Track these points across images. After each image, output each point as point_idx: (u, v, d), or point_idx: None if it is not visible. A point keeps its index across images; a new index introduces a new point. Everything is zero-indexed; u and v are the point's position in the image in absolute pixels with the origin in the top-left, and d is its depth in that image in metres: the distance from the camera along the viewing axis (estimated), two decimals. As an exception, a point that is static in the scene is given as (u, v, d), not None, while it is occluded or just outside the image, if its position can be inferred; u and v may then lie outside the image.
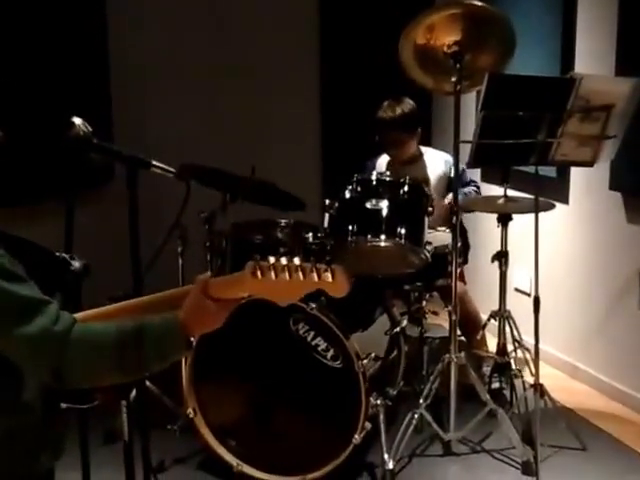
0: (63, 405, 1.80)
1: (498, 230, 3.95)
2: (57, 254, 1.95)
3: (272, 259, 1.56)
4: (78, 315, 1.68)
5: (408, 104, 4.32)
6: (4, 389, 1.68)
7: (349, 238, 3.56)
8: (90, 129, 2.20)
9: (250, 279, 1.55)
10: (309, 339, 3.33)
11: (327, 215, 3.65)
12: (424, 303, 4.15)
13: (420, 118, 4.47)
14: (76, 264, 2.01)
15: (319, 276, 1.52)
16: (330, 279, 1.52)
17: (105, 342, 1.59)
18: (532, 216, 3.49)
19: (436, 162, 4.46)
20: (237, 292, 1.62)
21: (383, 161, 4.53)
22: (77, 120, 2.21)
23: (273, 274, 1.54)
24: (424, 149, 4.52)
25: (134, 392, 2.35)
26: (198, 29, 5.36)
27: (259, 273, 1.55)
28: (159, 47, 5.23)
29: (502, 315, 4.10)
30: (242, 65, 5.43)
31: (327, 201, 3.68)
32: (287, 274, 1.53)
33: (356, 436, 3.31)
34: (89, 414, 2.14)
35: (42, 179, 4.08)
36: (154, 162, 2.21)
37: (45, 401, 1.75)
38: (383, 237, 3.56)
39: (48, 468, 1.85)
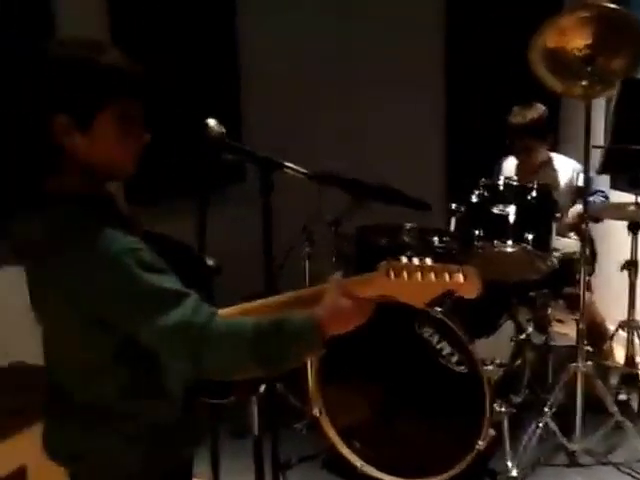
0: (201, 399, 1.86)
1: (628, 238, 3.86)
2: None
3: (404, 259, 1.58)
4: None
5: (539, 110, 4.26)
6: (150, 380, 1.75)
7: (475, 243, 3.55)
8: (224, 130, 2.26)
9: (383, 279, 1.57)
10: (434, 343, 3.33)
11: (453, 219, 3.65)
12: (549, 310, 4.09)
13: (551, 124, 4.41)
14: (210, 262, 2.07)
15: (451, 277, 1.53)
16: (462, 280, 1.52)
17: (243, 334, 1.61)
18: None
19: (565, 169, 4.38)
20: (371, 291, 1.62)
21: (510, 164, 4.49)
22: (211, 121, 2.27)
23: (406, 274, 1.55)
24: (553, 155, 4.45)
25: (263, 389, 2.40)
26: (325, 32, 5.41)
27: (392, 273, 1.56)
28: (286, 50, 5.31)
29: (631, 325, 4.01)
30: (368, 68, 5.46)
31: (453, 205, 3.68)
32: (420, 274, 1.54)
33: (480, 442, 3.29)
34: (221, 409, 2.20)
35: (176, 179, 4.23)
36: (286, 163, 2.24)
37: (186, 392, 1.81)
38: (510, 242, 3.53)
39: (189, 456, 1.91)
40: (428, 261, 1.56)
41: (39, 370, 1.91)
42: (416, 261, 1.56)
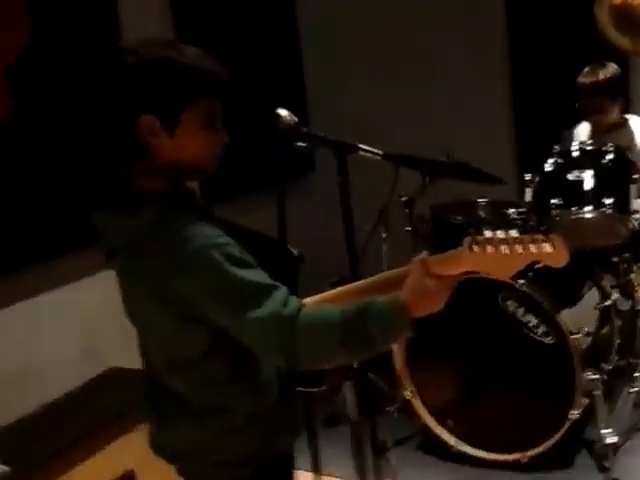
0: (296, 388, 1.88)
1: None
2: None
3: (488, 233, 1.57)
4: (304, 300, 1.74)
5: (612, 68, 4.16)
6: (244, 372, 1.77)
7: (553, 212, 3.50)
8: (296, 119, 2.27)
9: (468, 254, 1.55)
10: (519, 316, 3.31)
11: (528, 190, 3.60)
12: (633, 275, 4.01)
13: (623, 83, 4.31)
14: (294, 251, 2.09)
15: (538, 247, 1.50)
16: (549, 249, 1.50)
17: (331, 322, 1.62)
18: None
19: None
20: (456, 268, 1.60)
21: (582, 130, 4.40)
22: (283, 112, 2.29)
23: (491, 248, 1.54)
24: (628, 116, 4.36)
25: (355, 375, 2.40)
26: (390, 13, 5.36)
27: (477, 248, 1.55)
28: (350, 36, 5.29)
29: None
30: (431, 40, 5.38)
31: (527, 176, 3.63)
32: (505, 247, 1.52)
33: (573, 412, 3.26)
34: (314, 398, 2.21)
35: (250, 173, 4.27)
36: (360, 145, 2.25)
37: (281, 383, 1.83)
38: (588, 208, 3.46)
39: (287, 448, 1.92)
40: (513, 233, 1.53)
41: (136, 373, 1.97)
42: (500, 234, 1.55)
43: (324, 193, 2.25)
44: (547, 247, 1.50)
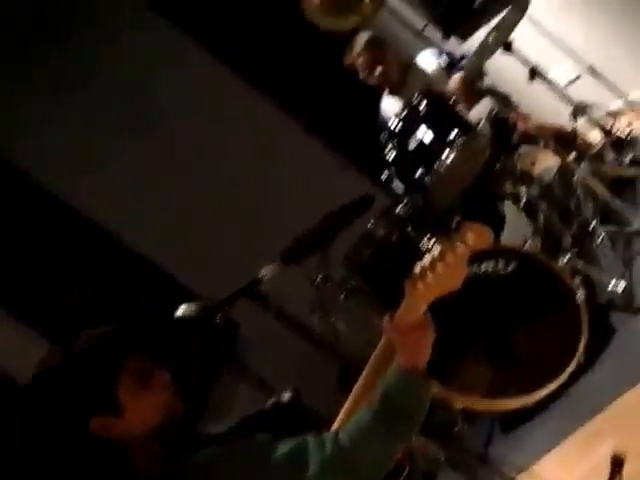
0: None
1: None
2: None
3: (418, 264, 1.65)
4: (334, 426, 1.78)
5: (363, 34, 4.32)
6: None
7: (425, 180, 3.55)
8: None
9: (418, 293, 1.63)
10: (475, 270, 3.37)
11: (395, 183, 3.67)
12: (519, 164, 4.08)
13: (380, 41, 4.42)
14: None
15: (463, 243, 1.58)
16: (472, 237, 1.57)
17: (368, 424, 1.66)
18: None
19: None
20: (418, 309, 1.67)
21: (387, 102, 4.50)
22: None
23: (430, 274, 1.61)
24: (415, 58, 4.53)
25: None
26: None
27: (420, 284, 1.62)
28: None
29: None
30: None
31: (384, 175, 3.68)
32: (440, 264, 1.60)
33: (578, 295, 3.36)
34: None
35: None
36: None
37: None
38: (445, 153, 3.52)
39: None
40: (436, 248, 1.61)
41: None
42: (428, 257, 1.62)
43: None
44: (469, 238, 1.58)
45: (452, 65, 4.23)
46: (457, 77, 4.09)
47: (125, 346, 1.75)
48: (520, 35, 3.87)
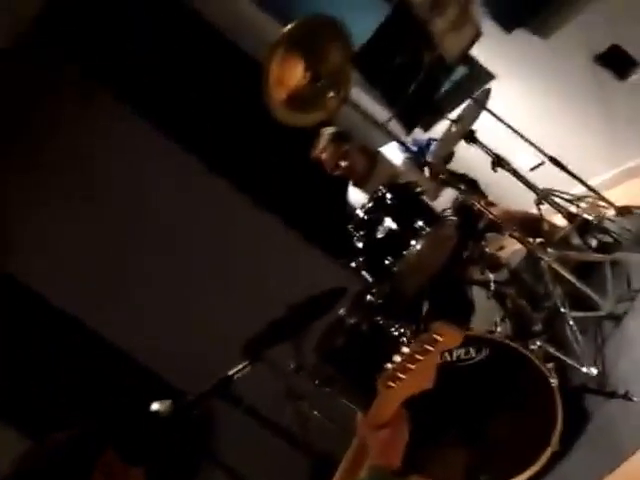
0: None
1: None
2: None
3: (389, 365, 1.66)
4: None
5: (328, 130, 4.49)
6: None
7: (394, 269, 3.59)
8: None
9: (390, 392, 1.64)
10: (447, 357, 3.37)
11: (364, 272, 3.70)
12: (487, 250, 4.14)
13: (343, 134, 4.59)
14: None
15: (433, 343, 1.60)
16: (442, 338, 1.61)
17: None
18: None
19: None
20: (391, 407, 1.68)
21: (353, 193, 4.58)
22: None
23: (401, 374, 1.63)
24: (380, 149, 4.68)
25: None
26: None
27: (391, 382, 1.64)
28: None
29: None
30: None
31: (352, 264, 3.70)
32: (410, 365, 1.62)
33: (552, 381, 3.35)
34: None
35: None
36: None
37: None
38: (413, 242, 3.58)
39: None
40: (405, 349, 1.63)
41: None
42: (397, 357, 1.64)
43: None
44: (439, 338, 1.60)
45: (419, 151, 4.30)
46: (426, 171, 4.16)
47: (95, 448, 1.73)
48: (482, 125, 3.96)
